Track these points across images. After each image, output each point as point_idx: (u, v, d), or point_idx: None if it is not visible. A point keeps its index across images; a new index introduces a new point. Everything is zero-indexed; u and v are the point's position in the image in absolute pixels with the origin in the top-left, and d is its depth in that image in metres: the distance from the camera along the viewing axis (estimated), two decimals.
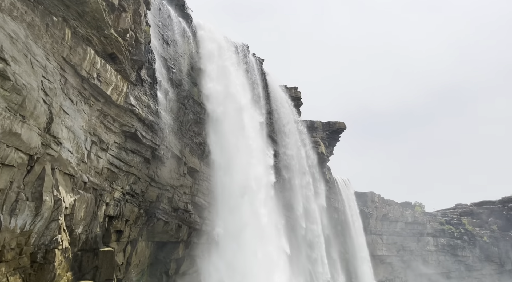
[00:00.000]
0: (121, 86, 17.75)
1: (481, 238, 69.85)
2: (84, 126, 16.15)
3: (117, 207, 19.64)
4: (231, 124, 26.14)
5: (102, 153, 17.81)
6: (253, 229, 24.84)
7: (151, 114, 20.30)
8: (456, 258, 67.19)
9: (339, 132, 48.33)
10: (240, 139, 26.21)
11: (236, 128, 26.20)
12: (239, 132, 26.28)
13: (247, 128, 27.35)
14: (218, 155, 25.83)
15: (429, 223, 67.94)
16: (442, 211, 78.39)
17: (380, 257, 60.07)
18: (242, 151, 26.14)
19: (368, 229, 58.55)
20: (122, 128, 18.86)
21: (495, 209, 74.72)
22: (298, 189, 37.56)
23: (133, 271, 22.53)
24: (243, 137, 26.46)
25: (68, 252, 14.53)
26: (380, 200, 63.40)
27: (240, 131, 26.61)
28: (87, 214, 16.36)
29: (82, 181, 16.02)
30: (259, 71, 33.22)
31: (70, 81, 14.96)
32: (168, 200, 24.61)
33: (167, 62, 23.35)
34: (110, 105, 17.65)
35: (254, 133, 28.02)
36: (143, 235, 23.25)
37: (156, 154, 21.77)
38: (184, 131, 25.11)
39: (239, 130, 26.35)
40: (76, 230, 15.62)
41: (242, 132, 26.57)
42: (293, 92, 38.95)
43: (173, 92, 23.55)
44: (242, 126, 26.81)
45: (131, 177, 20.46)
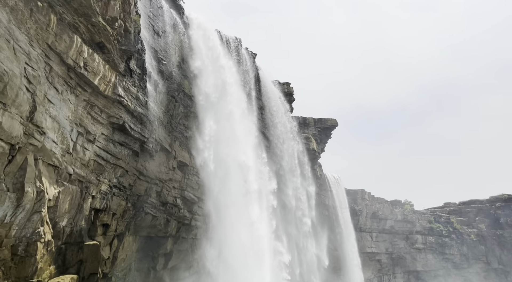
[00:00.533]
0: (109, 76, 17.30)
1: (468, 237, 70.56)
2: (70, 117, 15.70)
3: (104, 200, 19.23)
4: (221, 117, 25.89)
5: (88, 145, 17.38)
6: (244, 224, 24.63)
7: (140, 106, 19.89)
8: (444, 256, 67.79)
9: (331, 129, 48.24)
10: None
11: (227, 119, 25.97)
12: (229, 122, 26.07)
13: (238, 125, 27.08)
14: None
15: (418, 221, 68.36)
16: (431, 209, 78.98)
17: (369, 254, 60.29)
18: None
19: (357, 226, 58.70)
20: (110, 119, 18.43)
21: (483, 208, 75.50)
22: (289, 185, 37.43)
23: (119, 265, 22.17)
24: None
25: (51, 245, 14.13)
26: (370, 198, 63.57)
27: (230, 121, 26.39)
28: (72, 206, 15.94)
29: (67, 172, 15.59)
30: (251, 65, 32.88)
31: (55, 70, 14.49)
32: (157, 194, 24.24)
33: (158, 53, 22.93)
34: (97, 96, 17.21)
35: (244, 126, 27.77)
36: (131, 229, 22.87)
37: (144, 147, 21.38)
38: (174, 125, 24.72)
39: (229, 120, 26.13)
40: (60, 222, 15.21)
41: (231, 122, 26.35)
42: (286, 88, 38.68)
43: (163, 84, 23.14)
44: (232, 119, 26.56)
45: (118, 169, 20.05)
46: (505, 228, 70.55)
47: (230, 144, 25.48)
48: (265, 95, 35.07)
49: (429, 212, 75.25)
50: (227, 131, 25.59)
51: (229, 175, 25.17)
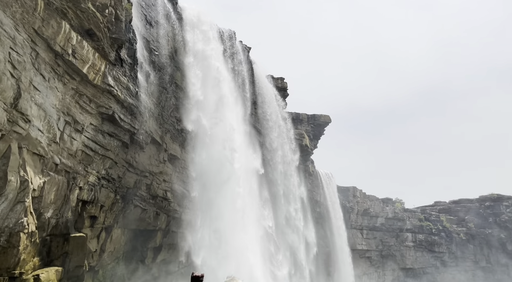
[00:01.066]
0: (99, 65, 16.88)
1: (457, 235, 71.12)
2: (57, 105, 15.28)
3: (92, 191, 18.84)
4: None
5: (76, 134, 16.97)
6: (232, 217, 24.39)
7: (130, 97, 19.48)
8: (433, 254, 68.28)
9: (324, 126, 48.13)
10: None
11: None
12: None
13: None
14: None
15: (408, 219, 68.73)
16: (422, 207, 79.42)
17: (359, 252, 60.51)
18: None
19: (348, 223, 58.81)
20: (99, 109, 18.02)
21: (473, 207, 76.07)
22: (281, 180, 37.24)
23: (107, 258, 21.83)
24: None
25: (35, 237, 13.76)
26: (361, 195, 63.73)
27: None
28: (58, 197, 15.56)
29: (53, 162, 15.19)
30: (245, 59, 32.53)
31: (42, 56, 14.07)
32: (147, 186, 23.89)
33: (150, 44, 22.49)
34: (86, 85, 16.78)
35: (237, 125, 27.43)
36: (119, 222, 22.50)
37: (134, 139, 20.99)
38: (166, 117, 24.33)
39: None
40: (45, 213, 14.83)
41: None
42: (280, 83, 38.40)
43: (155, 75, 22.72)
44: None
45: (107, 161, 19.66)
46: (493, 227, 71.22)
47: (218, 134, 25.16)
48: (258, 90, 34.77)
49: (419, 210, 75.67)
50: (218, 122, 25.27)
51: (217, 166, 24.84)
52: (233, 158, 26.08)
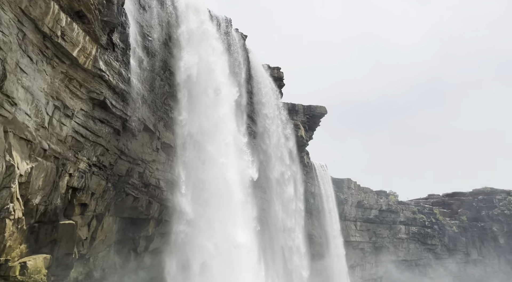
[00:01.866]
0: (90, 48, 16.39)
1: (450, 228, 71.64)
2: (46, 89, 14.84)
3: (82, 178, 18.47)
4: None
5: (66, 120, 16.54)
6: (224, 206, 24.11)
7: (122, 82, 19.02)
8: (426, 246, 68.82)
9: (319, 117, 47.79)
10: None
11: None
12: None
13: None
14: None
15: (402, 211, 69.06)
16: (416, 200, 79.87)
17: (352, 243, 60.77)
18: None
19: (342, 215, 58.95)
20: (90, 95, 17.57)
21: (466, 201, 76.59)
22: (275, 169, 37.04)
23: (98, 246, 21.56)
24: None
25: (21, 223, 13.42)
26: (356, 187, 63.82)
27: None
28: (46, 183, 15.19)
29: (42, 147, 14.79)
30: (241, 47, 32.02)
31: (30, 37, 13.58)
32: (139, 175, 23.53)
33: (143, 29, 21.92)
34: (76, 69, 16.31)
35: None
36: (111, 210, 22.19)
37: (127, 126, 20.57)
38: (159, 105, 23.88)
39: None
40: (32, 200, 14.48)
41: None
42: (276, 72, 37.93)
43: (148, 61, 22.20)
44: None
45: (98, 148, 19.26)
46: (486, 221, 71.78)
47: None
48: (254, 79, 34.34)
49: (413, 203, 76.08)
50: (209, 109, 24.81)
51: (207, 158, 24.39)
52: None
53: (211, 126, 25.03)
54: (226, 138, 25.67)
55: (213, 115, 25.40)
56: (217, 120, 25.41)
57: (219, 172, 24.43)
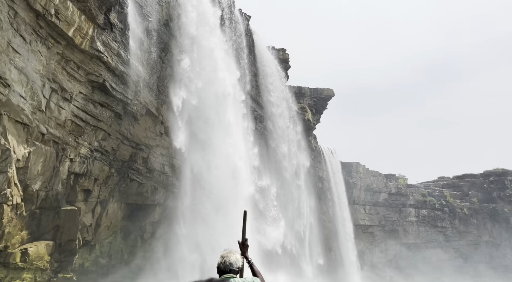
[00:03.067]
0: (86, 28, 15.76)
1: (461, 210, 70.77)
2: (41, 71, 14.29)
3: (84, 164, 18.06)
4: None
5: (64, 103, 16.03)
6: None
7: (122, 64, 18.41)
8: (436, 228, 68.15)
9: (327, 100, 46.89)
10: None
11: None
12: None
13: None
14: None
15: (411, 194, 68.30)
16: (425, 183, 78.88)
17: (362, 227, 60.38)
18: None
19: (351, 199, 58.42)
20: (88, 77, 17.00)
21: (477, 182, 75.47)
22: (282, 155, 36.44)
23: (103, 233, 21.30)
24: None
25: (21, 209, 13.04)
26: (364, 171, 63.14)
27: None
28: (46, 168, 14.77)
29: (39, 131, 14.32)
30: (245, 28, 31.11)
31: (22, 16, 12.97)
32: (143, 160, 23.09)
33: (143, 9, 21.18)
34: (73, 50, 15.72)
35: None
36: (115, 196, 21.86)
37: (128, 109, 20.04)
38: (161, 88, 23.27)
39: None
40: (32, 185, 14.08)
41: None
42: (281, 54, 36.97)
43: (148, 43, 21.53)
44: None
45: (100, 132, 18.78)
46: (497, 202, 70.77)
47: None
48: (259, 61, 33.48)
49: (423, 185, 75.17)
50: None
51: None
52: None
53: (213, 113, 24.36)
54: (229, 121, 25.02)
55: (214, 100, 24.71)
56: (217, 105, 24.71)
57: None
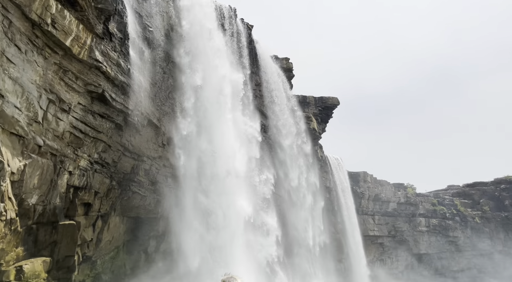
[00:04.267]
0: (84, 37, 15.44)
1: (472, 219, 69.20)
2: (38, 81, 13.92)
3: (84, 177, 17.58)
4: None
5: (62, 115, 15.64)
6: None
7: (121, 74, 18.05)
8: (447, 238, 66.54)
9: (332, 108, 46.29)
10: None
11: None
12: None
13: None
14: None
15: (421, 203, 66.97)
16: (435, 192, 77.51)
17: (371, 238, 59.08)
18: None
19: (359, 209, 57.30)
20: (87, 87, 16.64)
21: (488, 190, 73.91)
22: (289, 164, 35.80)
23: (105, 248, 20.70)
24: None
25: (15, 224, 12.52)
26: (372, 180, 62.07)
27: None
28: (43, 182, 14.29)
29: (36, 143, 13.89)
30: (247, 38, 30.84)
31: (17, 25, 12.66)
32: (145, 172, 22.61)
33: (143, 19, 20.96)
34: (71, 60, 15.38)
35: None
36: (117, 209, 21.33)
37: (129, 120, 19.62)
38: (163, 98, 22.90)
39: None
40: (28, 199, 13.58)
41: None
42: (285, 63, 36.63)
43: (149, 53, 21.24)
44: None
45: (100, 144, 18.35)
46: (509, 210, 69.11)
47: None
48: (262, 71, 33.12)
49: (432, 194, 73.79)
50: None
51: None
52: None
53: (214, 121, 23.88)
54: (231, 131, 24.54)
55: (218, 109, 24.26)
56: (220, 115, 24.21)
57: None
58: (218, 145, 22.97)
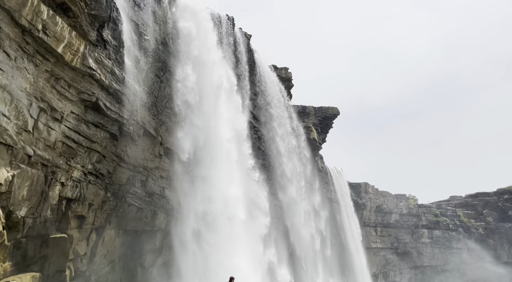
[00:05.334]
0: (77, 44, 15.07)
1: (476, 230, 68.23)
2: (28, 89, 13.48)
3: (77, 188, 17.01)
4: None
5: (54, 124, 15.16)
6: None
7: (116, 82, 17.64)
8: (451, 250, 65.49)
9: (332, 119, 45.96)
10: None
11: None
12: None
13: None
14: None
15: (424, 214, 66.09)
16: (437, 203, 76.62)
17: (374, 250, 58.08)
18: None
19: (361, 220, 56.46)
20: (81, 96, 16.19)
21: (491, 201, 73.11)
22: (287, 177, 35.16)
23: (99, 262, 19.96)
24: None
25: (2, 238, 11.93)
26: (374, 191, 61.32)
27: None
28: (33, 193, 13.72)
29: (25, 153, 13.36)
30: (245, 47, 30.60)
31: (6, 31, 12.27)
32: (142, 183, 22.02)
33: (139, 27, 20.64)
34: (63, 67, 14.97)
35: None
36: (112, 222, 20.66)
37: (124, 130, 19.13)
38: (160, 108, 22.46)
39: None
40: (16, 211, 12.99)
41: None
42: (284, 73, 36.42)
43: (146, 62, 20.88)
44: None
45: (94, 154, 17.82)
46: None
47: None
48: (261, 80, 32.81)
49: (434, 205, 72.92)
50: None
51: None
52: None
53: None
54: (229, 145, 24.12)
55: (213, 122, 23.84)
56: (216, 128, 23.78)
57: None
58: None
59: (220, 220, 22.16)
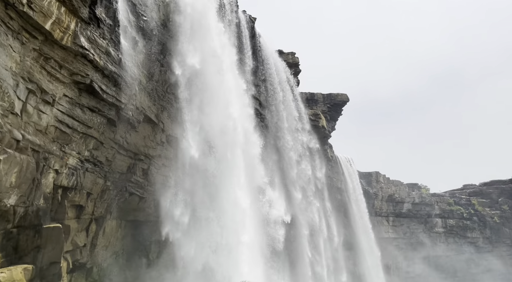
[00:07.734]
0: (67, 21, 14.04)
1: (491, 219, 66.48)
2: (14, 68, 12.52)
3: (73, 176, 16.11)
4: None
5: (46, 107, 14.22)
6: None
7: (112, 64, 16.60)
8: (466, 239, 63.94)
9: (341, 105, 44.55)
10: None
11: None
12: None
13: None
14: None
15: (437, 203, 64.54)
16: (450, 191, 74.82)
17: (386, 240, 56.83)
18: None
19: (373, 210, 55.23)
20: (73, 78, 15.20)
21: (506, 188, 71.06)
22: (295, 167, 34.00)
23: (100, 254, 19.15)
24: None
25: None
26: (385, 180, 59.91)
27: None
28: (22, 180, 12.82)
29: (13, 137, 12.44)
30: (250, 31, 29.35)
31: None
32: (143, 172, 21.11)
33: (136, 7, 19.51)
34: (52, 46, 13.97)
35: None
36: (113, 212, 19.81)
37: (122, 115, 18.13)
38: (161, 93, 21.42)
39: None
40: (4, 200, 12.11)
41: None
42: (290, 58, 35.08)
43: (144, 44, 19.80)
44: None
45: (90, 140, 16.88)
46: None
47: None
48: (266, 66, 31.56)
49: (447, 194, 71.22)
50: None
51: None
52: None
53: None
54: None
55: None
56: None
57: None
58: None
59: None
